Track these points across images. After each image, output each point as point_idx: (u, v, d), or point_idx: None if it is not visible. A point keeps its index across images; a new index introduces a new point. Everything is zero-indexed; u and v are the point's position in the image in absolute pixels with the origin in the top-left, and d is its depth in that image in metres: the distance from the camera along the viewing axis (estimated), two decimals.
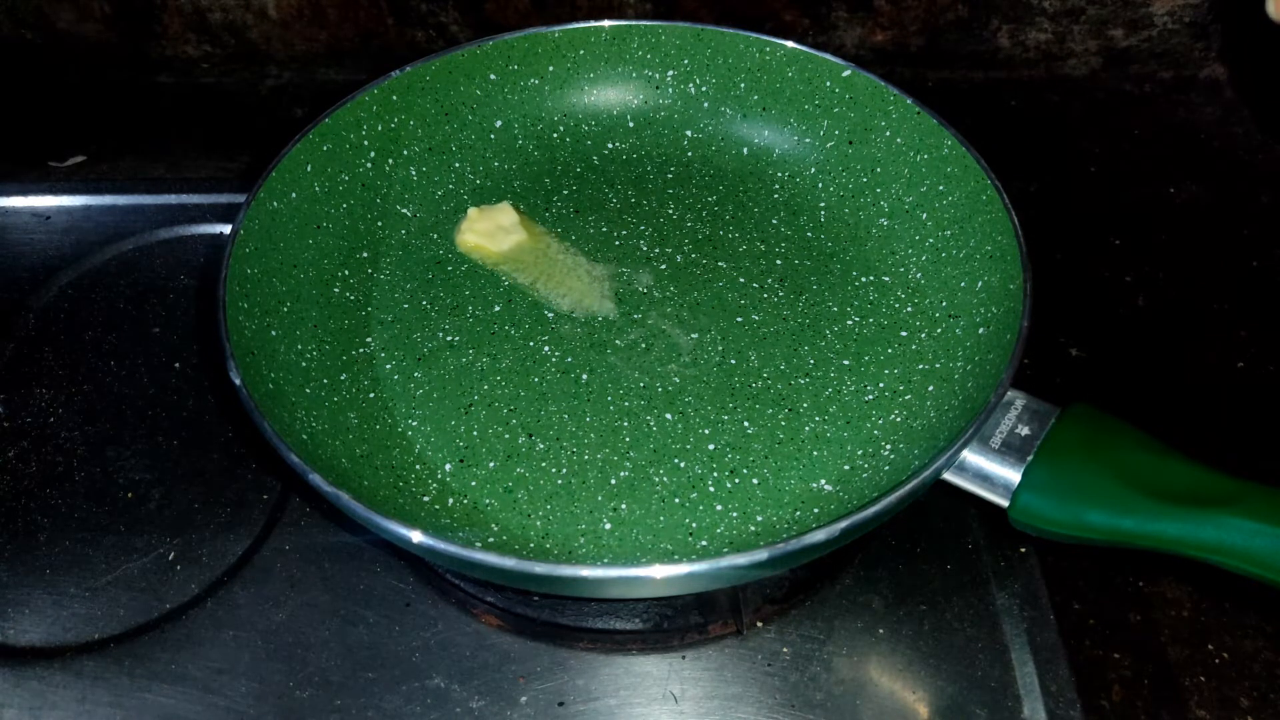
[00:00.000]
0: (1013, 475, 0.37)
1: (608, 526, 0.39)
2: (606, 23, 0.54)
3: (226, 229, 0.56)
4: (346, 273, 0.48)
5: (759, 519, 0.40)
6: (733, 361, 0.45)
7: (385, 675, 0.40)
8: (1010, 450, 0.37)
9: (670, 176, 0.53)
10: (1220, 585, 0.43)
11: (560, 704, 0.39)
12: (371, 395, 0.44)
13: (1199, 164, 0.63)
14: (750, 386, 0.44)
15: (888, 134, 0.49)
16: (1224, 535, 0.33)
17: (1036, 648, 0.41)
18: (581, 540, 0.39)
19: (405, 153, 0.52)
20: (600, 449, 0.42)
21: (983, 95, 0.69)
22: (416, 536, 0.33)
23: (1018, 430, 0.38)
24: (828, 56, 0.51)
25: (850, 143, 0.51)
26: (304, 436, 0.39)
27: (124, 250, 0.57)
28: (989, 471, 0.37)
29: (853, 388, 0.44)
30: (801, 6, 0.67)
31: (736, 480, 0.41)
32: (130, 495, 0.46)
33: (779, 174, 0.53)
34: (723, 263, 0.49)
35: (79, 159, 0.66)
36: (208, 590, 0.43)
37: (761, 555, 0.32)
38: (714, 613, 0.42)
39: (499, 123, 0.54)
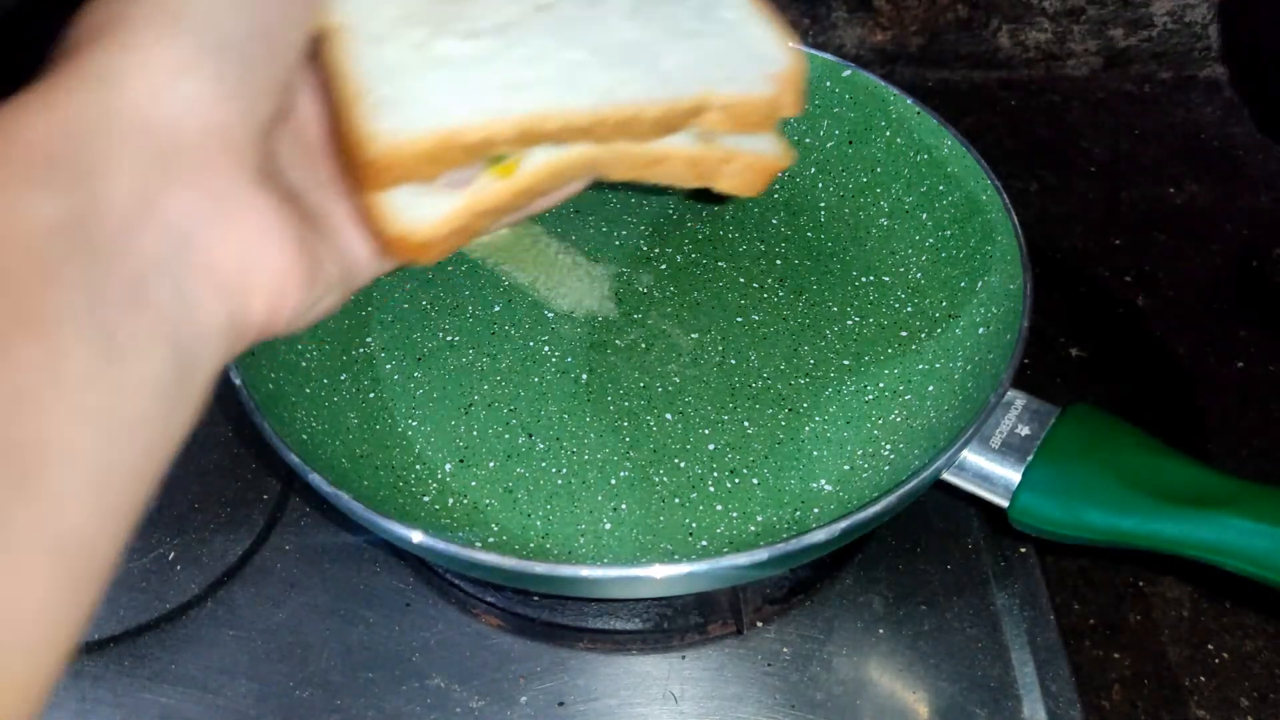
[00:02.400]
0: (1013, 475, 0.37)
1: (608, 526, 0.39)
2: None
3: None
4: None
5: (759, 519, 0.39)
6: (733, 361, 0.45)
7: (385, 675, 0.40)
8: (1010, 450, 0.37)
9: None
10: (1220, 585, 0.43)
11: (560, 704, 0.39)
12: (371, 395, 0.44)
13: (1199, 164, 0.63)
14: (750, 386, 0.44)
15: (888, 134, 0.49)
16: (1224, 535, 0.33)
17: (1036, 648, 0.41)
18: (581, 540, 0.39)
19: None
20: (600, 449, 0.42)
21: (983, 95, 0.69)
22: (416, 536, 0.33)
23: (1018, 430, 0.38)
24: (828, 56, 0.51)
25: (850, 143, 0.51)
26: (304, 436, 0.39)
27: None
28: (989, 471, 0.37)
29: (853, 388, 0.44)
30: (801, 6, 0.67)
31: (736, 480, 0.41)
32: None
33: (779, 174, 0.53)
34: (723, 263, 0.49)
35: None
36: (208, 590, 0.43)
37: (761, 555, 0.32)
38: (714, 613, 0.42)
39: None
